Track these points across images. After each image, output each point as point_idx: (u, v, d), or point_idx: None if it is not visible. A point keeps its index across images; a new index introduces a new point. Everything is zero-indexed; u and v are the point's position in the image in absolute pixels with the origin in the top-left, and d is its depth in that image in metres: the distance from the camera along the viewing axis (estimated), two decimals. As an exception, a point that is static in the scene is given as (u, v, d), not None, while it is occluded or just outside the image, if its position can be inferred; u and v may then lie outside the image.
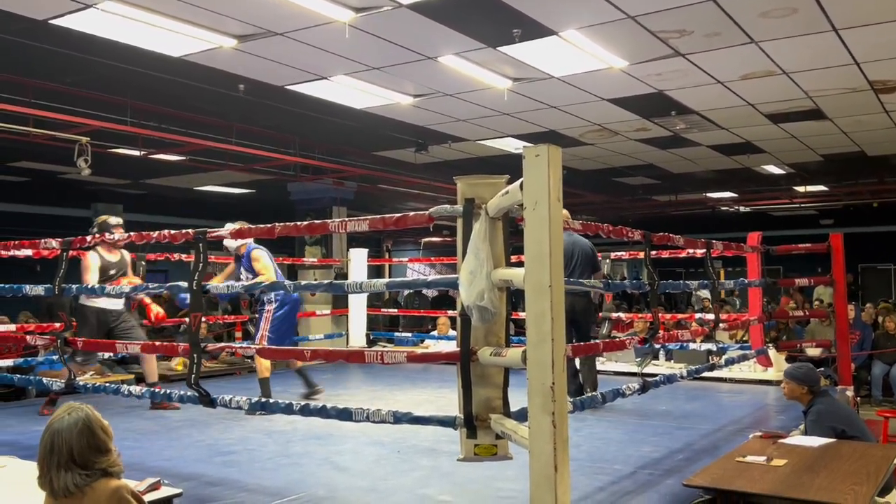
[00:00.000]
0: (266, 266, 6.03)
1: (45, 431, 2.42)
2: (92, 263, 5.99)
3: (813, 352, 8.89)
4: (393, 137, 10.57)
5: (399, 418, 3.56)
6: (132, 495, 2.42)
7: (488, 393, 3.24)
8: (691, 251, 6.48)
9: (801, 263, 12.15)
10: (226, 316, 10.38)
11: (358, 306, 9.41)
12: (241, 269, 6.20)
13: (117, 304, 6.08)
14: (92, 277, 5.95)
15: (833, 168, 13.49)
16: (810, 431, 4.35)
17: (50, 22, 6.02)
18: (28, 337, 5.94)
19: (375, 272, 16.79)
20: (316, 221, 4.09)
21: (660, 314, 5.18)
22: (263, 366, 6.03)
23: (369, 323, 9.74)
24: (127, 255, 6.38)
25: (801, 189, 15.56)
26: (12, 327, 6.97)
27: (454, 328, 9.44)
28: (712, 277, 5.61)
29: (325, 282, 4.37)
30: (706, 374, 5.82)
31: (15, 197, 13.50)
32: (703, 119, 9.66)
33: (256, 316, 6.61)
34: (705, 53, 7.03)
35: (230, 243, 6.07)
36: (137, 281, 6.23)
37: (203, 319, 5.25)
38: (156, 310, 6.46)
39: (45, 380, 5.33)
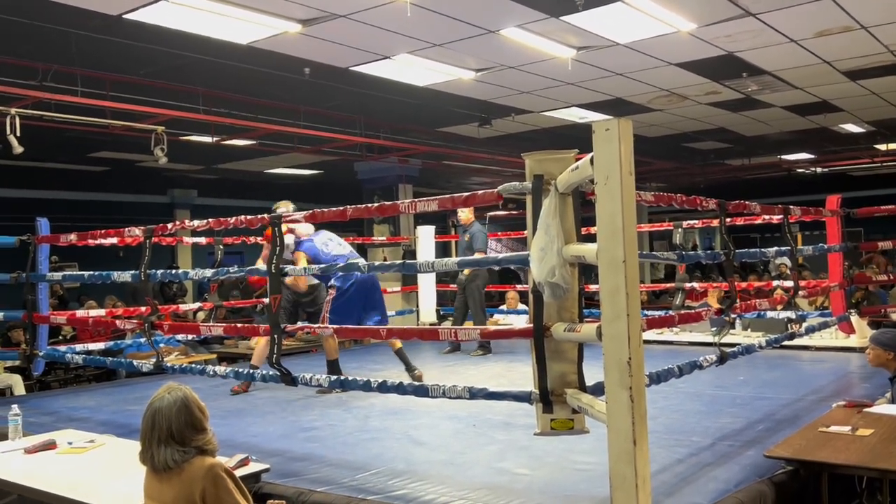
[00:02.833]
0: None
1: (147, 409, 2.57)
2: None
3: (899, 317, 8.55)
4: (456, 113, 10.57)
5: (475, 394, 3.61)
6: (225, 472, 2.55)
7: (563, 368, 3.26)
8: (767, 216, 6.31)
9: (885, 224, 11.68)
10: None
11: (427, 283, 9.50)
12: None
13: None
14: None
15: (918, 124, 12.87)
16: None
17: (124, 16, 6.22)
18: (117, 321, 6.22)
19: (443, 248, 16.89)
20: (386, 203, 4.15)
21: (736, 283, 5.08)
22: (332, 347, 6.09)
23: (438, 298, 9.82)
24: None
25: (882, 147, 14.89)
26: (101, 312, 7.33)
27: (523, 302, 9.47)
28: (791, 244, 5.46)
29: (398, 262, 4.45)
30: (786, 342, 5.68)
31: (96, 186, 14.09)
32: (776, 79, 9.33)
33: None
34: (778, 12, 6.77)
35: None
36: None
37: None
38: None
39: (135, 362, 5.60)
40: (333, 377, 4.22)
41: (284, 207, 6.15)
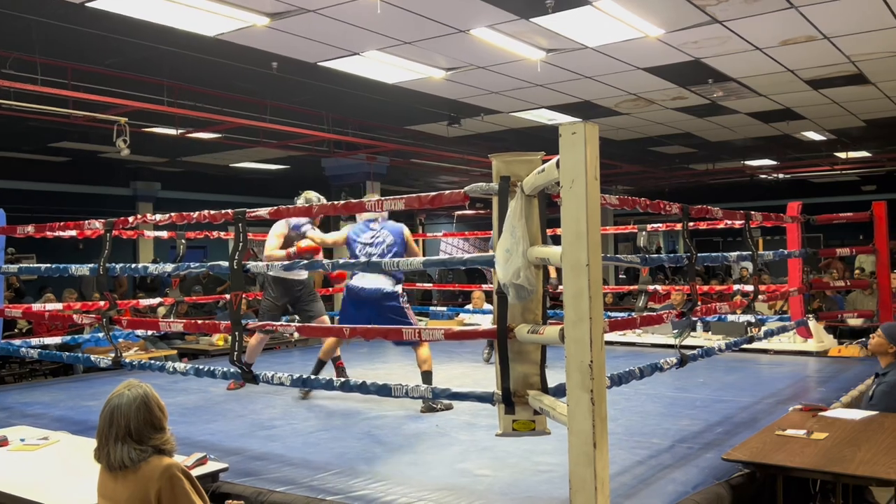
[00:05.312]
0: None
1: (105, 406, 2.52)
2: (277, 231, 5.76)
3: (854, 322, 8.74)
4: (425, 111, 10.55)
5: (438, 394, 3.61)
6: (182, 472, 2.50)
7: (526, 369, 3.26)
8: (729, 221, 6.40)
9: (843, 231, 11.93)
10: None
11: (394, 281, 9.45)
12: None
13: (299, 275, 5.88)
14: (270, 243, 5.72)
15: (876, 133, 13.17)
16: (875, 399, 4.28)
17: (87, 5, 6.09)
18: (74, 316, 6.09)
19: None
20: (353, 201, 4.11)
21: (698, 286, 5.14)
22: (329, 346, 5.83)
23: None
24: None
25: (842, 155, 15.23)
26: (59, 306, 7.18)
27: (489, 302, 9.49)
28: (752, 249, 5.54)
29: (363, 260, 4.41)
30: (745, 345, 5.76)
31: (57, 177, 13.80)
32: (741, 86, 9.48)
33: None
34: (744, 20, 6.87)
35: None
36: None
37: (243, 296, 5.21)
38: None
39: (92, 357, 5.49)
40: (296, 376, 4.17)
41: (316, 197, 5.81)
